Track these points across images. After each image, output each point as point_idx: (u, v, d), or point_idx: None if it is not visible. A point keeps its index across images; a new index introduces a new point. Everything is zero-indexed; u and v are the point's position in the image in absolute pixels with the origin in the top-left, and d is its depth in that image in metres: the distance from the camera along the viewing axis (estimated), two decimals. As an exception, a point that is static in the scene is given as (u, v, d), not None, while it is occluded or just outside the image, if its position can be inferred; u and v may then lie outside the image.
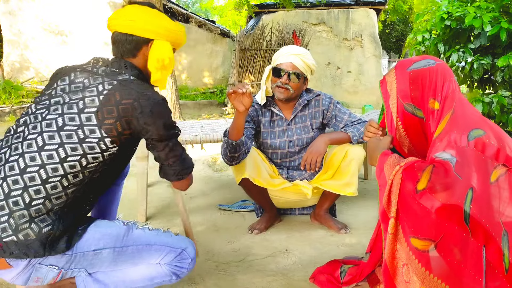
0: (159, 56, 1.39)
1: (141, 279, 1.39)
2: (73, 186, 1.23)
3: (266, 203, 2.34)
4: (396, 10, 17.16)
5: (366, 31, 11.88)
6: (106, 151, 1.26)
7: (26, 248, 1.16)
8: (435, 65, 1.41)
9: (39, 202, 1.18)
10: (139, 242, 1.35)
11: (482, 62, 3.52)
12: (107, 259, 1.31)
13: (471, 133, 1.28)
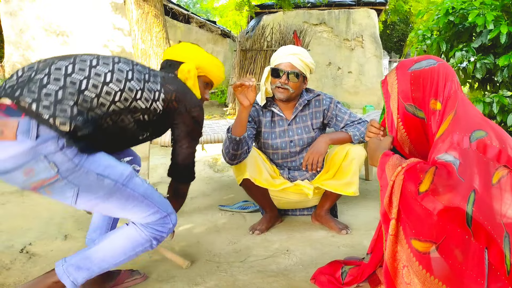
0: (183, 68, 1.64)
1: (122, 244, 1.43)
2: (114, 115, 1.34)
3: (267, 204, 2.33)
4: (397, 10, 17.15)
5: (367, 32, 11.88)
6: (156, 101, 1.44)
7: (53, 121, 1.18)
8: (437, 65, 1.40)
9: (91, 96, 1.28)
10: (136, 190, 1.39)
11: (485, 61, 3.52)
12: (105, 189, 1.31)
13: (473, 134, 1.27)
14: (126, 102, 1.36)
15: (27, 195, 3.10)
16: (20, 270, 1.84)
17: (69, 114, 1.21)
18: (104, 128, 1.33)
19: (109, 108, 1.32)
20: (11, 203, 2.88)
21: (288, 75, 2.19)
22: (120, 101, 1.34)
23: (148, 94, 1.42)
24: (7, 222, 2.47)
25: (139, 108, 1.40)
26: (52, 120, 1.18)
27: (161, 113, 1.48)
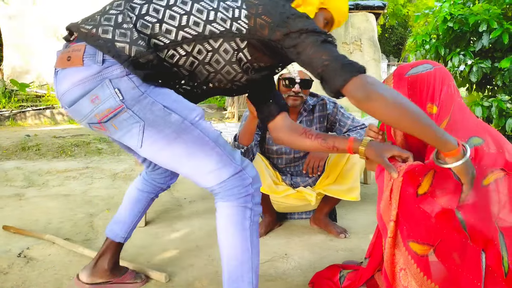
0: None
1: (233, 232, 1.22)
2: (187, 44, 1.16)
3: (266, 208, 2.33)
4: (395, 14, 17.22)
5: (365, 35, 11.91)
6: (238, 20, 1.18)
7: (113, 44, 1.11)
8: (433, 69, 1.41)
9: (152, 21, 1.14)
10: (206, 133, 1.19)
11: (481, 65, 3.53)
12: (172, 126, 1.15)
13: (470, 141, 1.28)
14: (198, 27, 1.16)
15: (25, 199, 3.09)
16: (17, 275, 1.83)
17: (128, 37, 1.11)
18: (174, 61, 1.18)
19: (177, 35, 1.15)
20: (9, 207, 2.87)
21: (301, 83, 2.18)
22: (189, 25, 1.15)
23: (224, 14, 1.18)
24: (5, 226, 2.46)
25: (218, 33, 1.17)
26: (112, 45, 1.11)
27: (253, 36, 1.19)
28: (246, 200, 1.22)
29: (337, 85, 1.11)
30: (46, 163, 4.45)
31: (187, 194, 3.26)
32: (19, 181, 3.68)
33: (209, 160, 1.19)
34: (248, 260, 1.23)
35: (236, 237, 1.22)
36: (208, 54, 1.19)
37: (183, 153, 1.18)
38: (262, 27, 1.18)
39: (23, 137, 5.82)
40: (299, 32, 1.15)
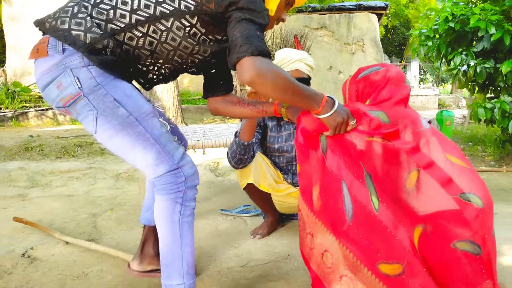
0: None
1: (163, 222, 1.34)
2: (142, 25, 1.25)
3: (269, 208, 2.33)
4: (397, 14, 17.18)
5: (368, 36, 11.90)
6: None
7: (69, 33, 1.20)
8: (380, 70, 1.52)
9: (107, 8, 1.23)
10: (150, 131, 1.29)
11: (485, 65, 3.53)
12: (118, 118, 1.25)
13: (377, 112, 1.41)
14: (149, 9, 1.23)
15: (28, 199, 3.10)
16: (21, 275, 1.84)
17: (83, 26, 1.21)
18: (133, 44, 1.27)
19: (131, 18, 1.23)
20: (13, 208, 2.88)
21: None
22: (140, 8, 1.23)
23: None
24: (8, 227, 2.47)
25: (168, 13, 1.24)
26: (69, 34, 1.21)
27: (201, 11, 1.26)
28: (177, 196, 1.33)
29: (232, 61, 1.21)
30: (49, 163, 4.46)
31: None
32: (23, 181, 3.70)
33: (148, 155, 1.29)
34: (177, 249, 1.34)
35: (166, 228, 1.34)
36: (163, 33, 1.27)
37: (126, 145, 1.29)
38: (209, 1, 1.25)
39: (26, 137, 5.84)
40: (232, 5, 1.22)
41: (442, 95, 16.40)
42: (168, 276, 1.36)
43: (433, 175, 1.31)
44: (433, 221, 1.29)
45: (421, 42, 4.04)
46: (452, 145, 1.40)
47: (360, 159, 1.35)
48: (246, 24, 1.21)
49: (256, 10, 1.23)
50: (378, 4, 12.17)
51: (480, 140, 5.51)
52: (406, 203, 1.31)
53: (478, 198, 1.30)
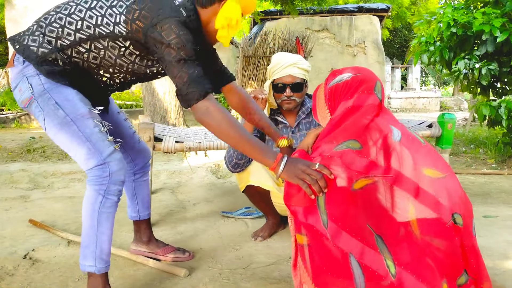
0: (227, 15, 1.49)
1: (85, 208, 1.52)
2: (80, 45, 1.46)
3: (269, 211, 2.34)
4: (399, 16, 17.19)
5: (369, 38, 11.91)
6: (118, 24, 1.44)
7: (27, 48, 1.44)
8: (350, 78, 1.48)
9: (57, 27, 1.45)
10: (83, 129, 1.47)
11: (490, 67, 3.53)
12: (58, 118, 1.45)
13: (345, 143, 1.36)
14: (89, 29, 1.45)
15: (30, 201, 3.11)
16: (23, 276, 1.85)
17: (37, 42, 1.44)
18: (80, 57, 1.48)
19: (75, 36, 1.45)
20: (14, 209, 2.89)
21: (292, 87, 2.18)
22: (83, 29, 1.45)
23: (108, 19, 1.45)
24: (10, 228, 2.47)
25: (104, 34, 1.45)
26: (26, 48, 1.45)
27: (132, 37, 1.43)
28: (100, 188, 1.50)
29: (185, 106, 1.44)
30: (51, 165, 4.47)
31: (191, 196, 3.27)
32: (24, 183, 3.71)
33: (81, 151, 1.49)
34: (93, 235, 1.51)
35: (87, 213, 1.51)
36: (101, 50, 1.49)
37: (65, 141, 1.50)
38: (137, 32, 1.43)
39: (28, 139, 5.86)
40: (159, 44, 1.40)
41: (444, 97, 16.41)
42: (84, 257, 1.53)
43: (422, 201, 1.27)
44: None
45: (423, 49, 4.04)
46: (424, 153, 1.35)
47: (366, 220, 1.26)
48: (180, 67, 1.39)
49: (183, 48, 1.39)
50: (380, 7, 12.18)
51: (481, 143, 5.51)
52: (423, 257, 1.22)
53: (460, 217, 1.26)
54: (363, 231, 1.25)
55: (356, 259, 1.24)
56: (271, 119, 2.32)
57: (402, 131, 1.40)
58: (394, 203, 1.27)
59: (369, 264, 1.23)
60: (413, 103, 14.63)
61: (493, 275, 1.37)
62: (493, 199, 3.10)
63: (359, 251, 1.24)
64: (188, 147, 2.51)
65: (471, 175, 3.92)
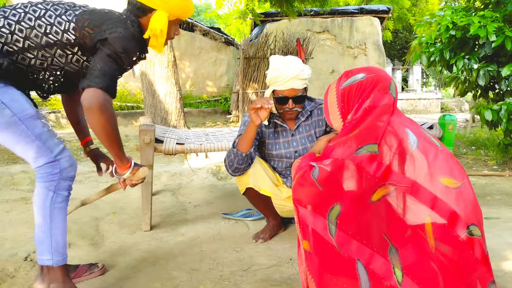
0: (152, 26, 1.62)
1: (37, 205, 1.56)
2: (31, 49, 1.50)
3: (270, 212, 2.33)
4: (400, 18, 17.18)
5: (370, 39, 11.91)
6: (67, 31, 1.52)
7: None
8: (364, 78, 1.48)
9: (6, 33, 1.46)
10: (31, 129, 1.51)
11: (488, 69, 3.53)
12: (4, 117, 1.46)
13: (364, 147, 1.35)
14: (37, 38, 1.49)
15: (31, 203, 3.11)
16: (24, 278, 1.85)
17: None
18: (26, 63, 1.51)
19: (24, 44, 1.48)
20: (15, 211, 2.89)
21: (294, 99, 2.15)
22: (31, 37, 1.49)
23: (57, 27, 1.51)
24: (11, 230, 2.48)
25: (52, 43, 1.51)
26: None
27: (80, 42, 1.53)
28: (50, 184, 1.55)
29: (83, 85, 1.47)
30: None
31: (192, 198, 3.27)
32: (25, 184, 3.71)
33: (30, 149, 1.52)
34: (47, 230, 1.55)
35: (38, 211, 1.55)
36: (48, 58, 1.54)
37: (11, 140, 1.51)
38: (85, 37, 1.53)
39: (29, 141, 5.86)
40: (104, 41, 1.50)
41: (444, 98, 16.39)
42: (40, 252, 1.57)
43: (438, 211, 1.26)
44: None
45: (423, 50, 4.04)
46: (442, 160, 1.33)
47: (382, 231, 1.27)
48: (109, 62, 1.49)
49: (124, 53, 1.52)
50: (381, 8, 12.19)
51: (482, 144, 5.50)
52: (428, 260, 1.24)
53: (477, 228, 1.26)
54: (375, 238, 1.26)
55: (364, 264, 1.25)
56: (270, 122, 2.31)
57: (418, 135, 1.38)
58: (406, 209, 1.27)
59: (376, 270, 1.23)
60: (414, 104, 14.62)
61: (495, 277, 1.37)
62: (494, 201, 3.09)
63: (368, 257, 1.25)
64: (189, 149, 2.51)
65: (472, 177, 3.91)
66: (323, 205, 1.32)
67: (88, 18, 1.54)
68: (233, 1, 12.16)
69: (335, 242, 1.27)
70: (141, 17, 1.65)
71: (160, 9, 1.63)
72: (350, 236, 1.27)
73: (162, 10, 1.63)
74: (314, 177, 1.36)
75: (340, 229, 1.28)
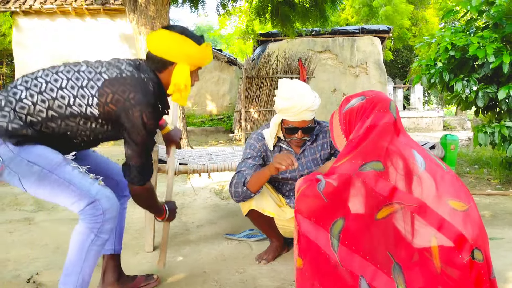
0: (175, 81, 1.61)
1: (74, 245, 1.54)
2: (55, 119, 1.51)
3: (273, 233, 2.33)
4: (401, 37, 17.38)
5: (371, 58, 12.02)
6: (91, 106, 1.51)
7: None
8: (364, 100, 1.52)
9: (29, 104, 1.46)
10: (62, 176, 1.50)
11: (487, 90, 3.56)
12: (34, 174, 1.47)
13: (368, 164, 1.36)
14: (61, 109, 1.49)
15: (34, 223, 3.11)
16: (26, 301, 1.84)
17: (7, 118, 1.44)
18: (50, 130, 1.51)
19: (47, 114, 1.48)
20: (19, 232, 2.89)
21: (304, 130, 2.15)
22: (54, 108, 1.49)
23: (81, 100, 1.50)
24: (14, 251, 2.47)
25: (76, 114, 1.51)
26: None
27: (104, 117, 1.54)
28: (94, 226, 1.53)
29: (125, 177, 1.59)
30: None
31: (195, 218, 3.26)
32: (29, 205, 3.71)
33: (68, 196, 1.52)
34: (78, 266, 1.53)
35: (75, 247, 1.54)
36: (74, 127, 1.54)
37: (49, 193, 1.52)
38: (109, 114, 1.52)
39: (33, 160, 5.88)
40: (131, 125, 1.51)
41: (446, 116, 16.41)
42: (64, 282, 1.54)
43: (445, 233, 1.26)
44: None
45: (423, 71, 4.09)
46: (448, 182, 1.34)
47: (386, 248, 1.27)
48: (136, 149, 1.55)
49: (149, 123, 1.52)
50: (381, 28, 12.34)
51: (485, 163, 5.49)
52: (436, 285, 1.23)
53: (480, 252, 1.26)
54: (378, 255, 1.26)
55: (367, 282, 1.24)
56: (275, 146, 2.29)
57: (424, 157, 1.38)
58: (415, 231, 1.26)
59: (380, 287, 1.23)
60: (416, 122, 14.65)
61: (500, 300, 1.37)
62: (498, 221, 3.07)
63: (371, 274, 1.25)
64: (192, 170, 2.52)
65: (475, 196, 3.90)
66: (327, 218, 1.33)
67: (110, 91, 1.51)
68: (235, 22, 12.34)
69: (338, 257, 1.28)
70: (161, 71, 1.64)
71: (180, 62, 1.61)
72: (353, 251, 1.27)
73: (183, 63, 1.62)
74: (319, 189, 1.37)
75: (343, 244, 1.28)
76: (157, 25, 5.68)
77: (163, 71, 1.64)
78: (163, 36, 1.61)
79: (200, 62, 1.67)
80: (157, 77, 1.63)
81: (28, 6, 10.17)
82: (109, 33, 10.71)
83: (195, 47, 1.63)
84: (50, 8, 10.26)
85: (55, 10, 10.29)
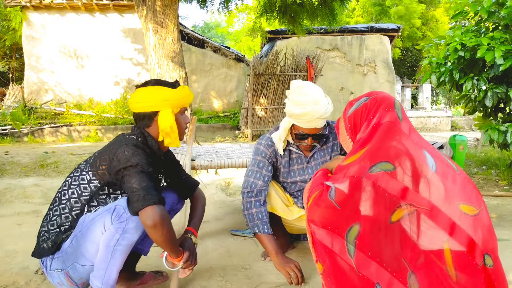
0: (162, 127, 1.70)
1: (96, 249, 1.58)
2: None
3: (279, 231, 2.33)
4: (410, 36, 17.27)
5: (380, 57, 11.96)
6: (90, 182, 1.63)
7: (40, 250, 1.61)
8: (368, 101, 1.51)
9: (55, 219, 1.62)
10: (87, 222, 1.58)
11: (496, 90, 3.53)
12: (75, 244, 1.56)
13: (377, 165, 1.33)
14: (77, 203, 1.64)
15: (42, 216, 3.14)
16: (35, 292, 1.86)
17: (45, 238, 1.62)
18: (83, 219, 1.61)
19: (71, 214, 1.63)
20: (27, 224, 2.92)
21: (315, 137, 2.12)
22: (73, 208, 1.63)
23: (83, 184, 1.64)
24: (22, 243, 2.50)
25: (89, 197, 1.63)
26: (39, 249, 1.62)
27: (105, 182, 1.63)
28: (119, 226, 1.55)
29: (135, 208, 1.51)
30: (63, 180, 4.52)
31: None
32: (37, 198, 3.75)
33: (97, 228, 1.56)
34: (105, 264, 1.57)
35: (102, 245, 1.57)
36: (96, 207, 1.64)
37: (87, 246, 1.58)
38: (104, 175, 1.62)
39: (41, 154, 5.94)
40: (120, 170, 1.57)
41: (455, 116, 16.30)
42: (94, 276, 1.60)
43: (457, 238, 1.23)
44: None
45: (433, 69, 4.05)
46: (460, 184, 1.31)
47: (401, 255, 1.24)
48: (140, 176, 1.55)
49: (139, 164, 1.56)
50: (390, 27, 12.26)
51: (493, 164, 5.45)
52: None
53: (490, 258, 1.24)
54: (394, 262, 1.23)
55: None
56: (285, 150, 2.27)
57: (436, 157, 1.36)
58: (420, 234, 1.24)
59: None
60: (424, 122, 14.57)
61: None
62: (505, 222, 3.06)
63: (387, 282, 1.22)
64: (199, 166, 2.53)
65: (483, 197, 3.86)
66: (342, 225, 1.31)
67: (97, 158, 1.65)
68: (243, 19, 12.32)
69: (354, 263, 1.25)
70: (149, 126, 1.74)
71: (162, 108, 1.71)
72: (369, 258, 1.24)
73: (165, 109, 1.71)
74: (331, 198, 1.35)
75: (360, 250, 1.25)
76: (165, 21, 5.70)
77: (150, 125, 1.74)
78: (140, 93, 1.72)
79: (180, 102, 1.75)
80: (146, 133, 1.73)
81: (38, 1, 10.25)
82: (118, 28, 10.75)
83: (171, 91, 1.73)
84: (60, 3, 10.32)
85: (65, 5, 10.35)
